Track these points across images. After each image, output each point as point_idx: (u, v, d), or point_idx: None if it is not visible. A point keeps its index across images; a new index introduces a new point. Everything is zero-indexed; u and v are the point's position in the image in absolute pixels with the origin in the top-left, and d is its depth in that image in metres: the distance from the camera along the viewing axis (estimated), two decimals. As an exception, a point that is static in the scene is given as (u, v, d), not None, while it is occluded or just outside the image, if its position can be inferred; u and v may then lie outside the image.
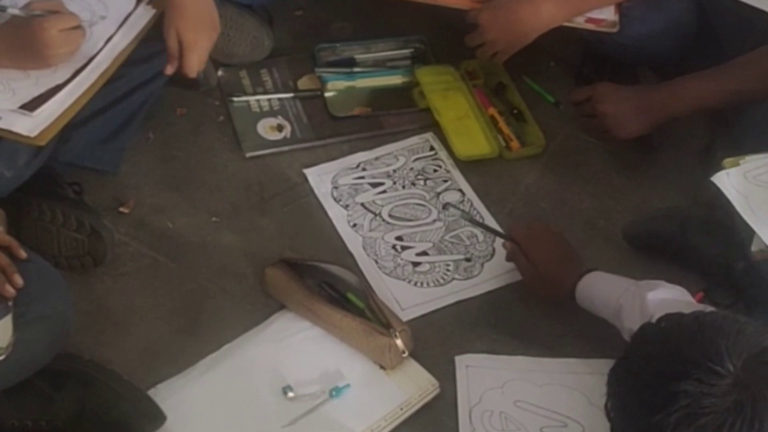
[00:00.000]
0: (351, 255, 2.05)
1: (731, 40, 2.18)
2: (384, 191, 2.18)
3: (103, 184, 2.12)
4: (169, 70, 1.98)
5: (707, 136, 2.25)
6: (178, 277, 2.01)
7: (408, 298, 2.00)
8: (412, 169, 2.22)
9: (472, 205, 2.17)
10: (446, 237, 2.12)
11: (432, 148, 2.26)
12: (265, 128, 2.26)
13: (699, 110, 2.11)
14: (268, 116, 2.27)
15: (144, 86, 2.03)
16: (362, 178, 2.19)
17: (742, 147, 1.95)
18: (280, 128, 2.27)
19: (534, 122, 2.30)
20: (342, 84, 2.37)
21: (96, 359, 1.80)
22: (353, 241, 2.08)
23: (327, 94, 2.34)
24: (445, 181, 2.21)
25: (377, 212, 2.14)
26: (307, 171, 2.19)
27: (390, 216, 2.14)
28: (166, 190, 2.15)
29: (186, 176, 2.18)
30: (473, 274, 2.06)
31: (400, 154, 2.25)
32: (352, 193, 2.16)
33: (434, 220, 2.14)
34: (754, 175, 1.77)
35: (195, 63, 1.98)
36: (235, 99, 2.32)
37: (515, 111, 2.32)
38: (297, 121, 2.28)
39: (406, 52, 2.44)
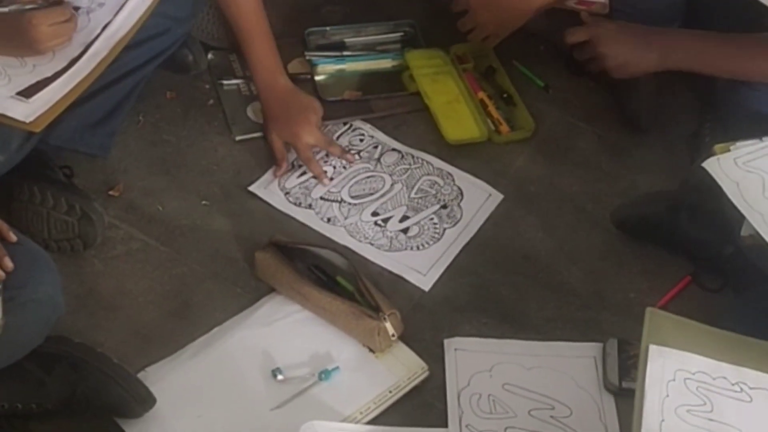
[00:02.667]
0: (347, 247, 2.04)
1: (720, 23, 2.19)
2: (331, 177, 2.17)
3: (93, 167, 2.12)
4: (278, 172, 2.14)
5: (696, 121, 2.26)
6: (168, 260, 2.01)
7: (422, 263, 2.03)
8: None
9: (413, 157, 2.20)
10: (413, 195, 2.14)
11: (345, 123, 2.26)
12: (255, 112, 2.26)
13: (693, 68, 2.08)
14: (257, 100, 2.26)
15: (136, 71, 2.03)
16: (304, 173, 2.17)
17: (731, 131, 1.95)
18: (269, 111, 2.27)
19: (523, 106, 2.31)
20: (332, 68, 2.37)
21: (86, 342, 1.79)
22: (338, 235, 2.08)
23: (317, 78, 2.34)
24: (376, 147, 2.23)
25: (339, 199, 2.14)
26: (252, 188, 2.14)
27: (352, 197, 2.14)
28: (156, 174, 2.16)
29: (176, 160, 2.19)
30: (458, 217, 2.10)
31: None
32: (306, 192, 2.14)
33: (392, 184, 2.16)
34: (745, 161, 1.78)
35: (306, 155, 2.13)
36: (225, 82, 2.32)
37: (505, 95, 2.33)
38: (287, 104, 2.29)
39: (396, 36, 2.44)
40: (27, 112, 1.79)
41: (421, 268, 2.02)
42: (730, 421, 1.46)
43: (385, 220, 2.10)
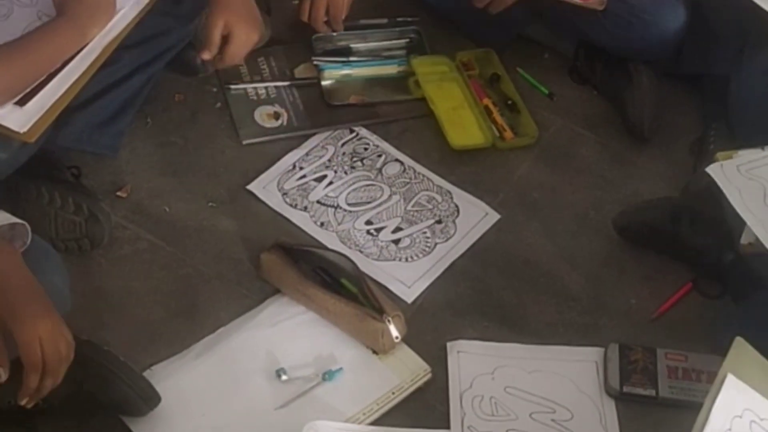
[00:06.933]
0: (336, 252, 2.05)
1: (725, 30, 2.20)
2: (331, 182, 2.18)
3: (101, 168, 2.14)
4: (206, 55, 2.04)
5: (700, 129, 2.28)
6: (174, 261, 2.03)
7: (408, 275, 2.03)
8: (344, 154, 2.24)
9: (414, 171, 2.21)
10: (409, 207, 2.15)
11: (352, 131, 2.28)
12: (262, 116, 2.28)
13: None
14: (265, 104, 2.28)
15: (142, 69, 2.04)
16: (305, 176, 2.19)
17: (736, 139, 1.97)
18: (276, 116, 2.29)
19: (527, 113, 2.33)
20: (338, 73, 2.39)
21: (92, 340, 1.80)
22: (330, 240, 2.09)
23: (323, 83, 2.36)
24: (380, 156, 2.24)
25: (335, 204, 2.15)
26: (250, 187, 2.16)
27: (348, 204, 2.15)
28: (163, 175, 2.17)
29: (183, 162, 2.20)
30: (450, 233, 2.11)
31: (326, 144, 2.26)
32: (303, 194, 2.16)
33: (390, 195, 2.17)
34: (747, 169, 1.80)
35: (242, 53, 2.05)
36: (233, 86, 2.33)
37: (509, 102, 2.35)
38: (293, 109, 2.31)
39: (401, 42, 2.46)
40: (22, 120, 1.76)
41: (407, 280, 2.03)
42: None
43: (378, 230, 2.11)
